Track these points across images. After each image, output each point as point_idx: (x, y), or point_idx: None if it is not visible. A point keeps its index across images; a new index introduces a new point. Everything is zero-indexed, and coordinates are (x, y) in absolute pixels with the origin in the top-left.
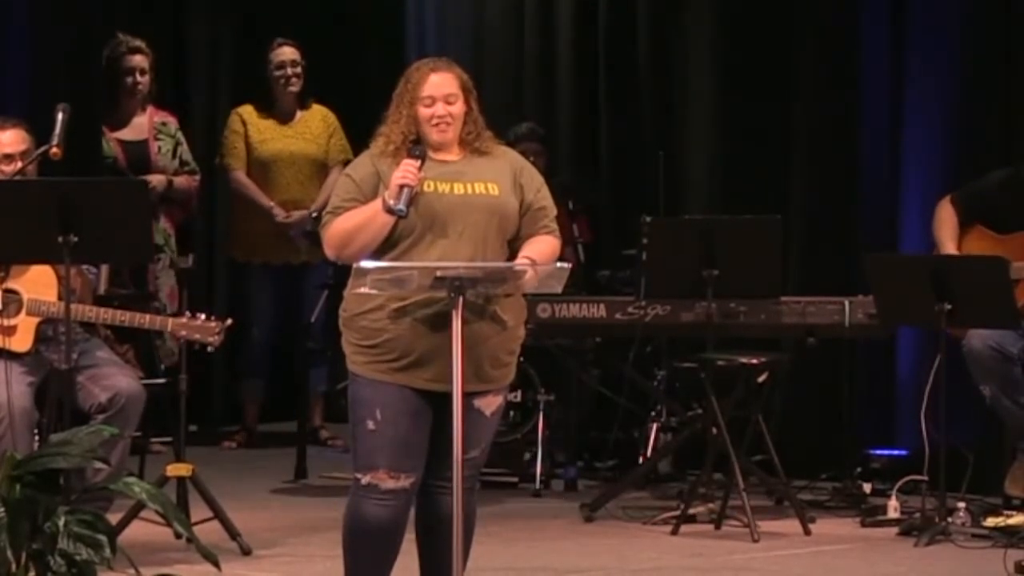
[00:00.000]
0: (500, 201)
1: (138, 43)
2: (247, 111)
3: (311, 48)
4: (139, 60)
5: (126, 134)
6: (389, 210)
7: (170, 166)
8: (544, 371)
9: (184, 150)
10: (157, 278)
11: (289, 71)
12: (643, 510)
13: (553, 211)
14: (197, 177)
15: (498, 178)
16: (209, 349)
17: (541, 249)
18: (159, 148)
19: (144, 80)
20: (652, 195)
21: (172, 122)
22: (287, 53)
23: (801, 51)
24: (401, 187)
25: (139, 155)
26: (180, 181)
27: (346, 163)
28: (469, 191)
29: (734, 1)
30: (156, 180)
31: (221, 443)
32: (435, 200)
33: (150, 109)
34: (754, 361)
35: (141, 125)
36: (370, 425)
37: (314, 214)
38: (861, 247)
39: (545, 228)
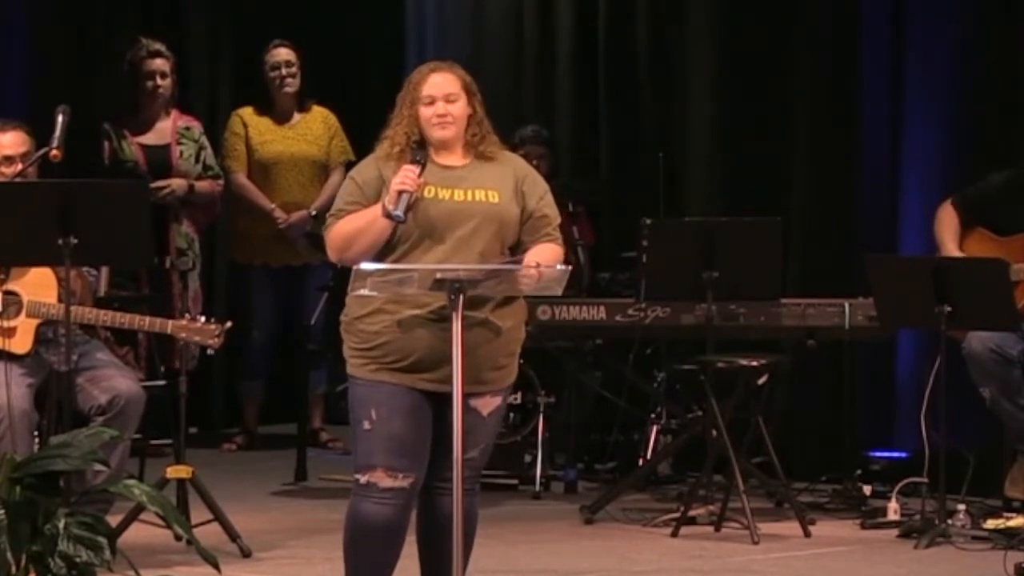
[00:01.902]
0: (499, 208)
1: (158, 46)
2: (247, 113)
3: (311, 49)
4: (160, 63)
5: (148, 138)
6: (388, 216)
7: (192, 171)
8: (544, 373)
9: (208, 154)
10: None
11: (284, 71)
12: (643, 512)
13: (556, 219)
14: (220, 182)
15: (499, 185)
16: (209, 351)
17: (545, 256)
18: (181, 152)
19: (165, 83)
20: (652, 196)
21: (196, 126)
22: (282, 54)
23: (801, 51)
24: (400, 193)
25: (160, 159)
26: (202, 185)
27: (347, 164)
28: (468, 198)
29: (734, 1)
30: (176, 184)
31: (221, 445)
32: (434, 206)
33: (174, 113)
34: (754, 363)
35: (164, 129)
36: (366, 425)
37: (313, 213)
38: (861, 248)
39: (546, 237)
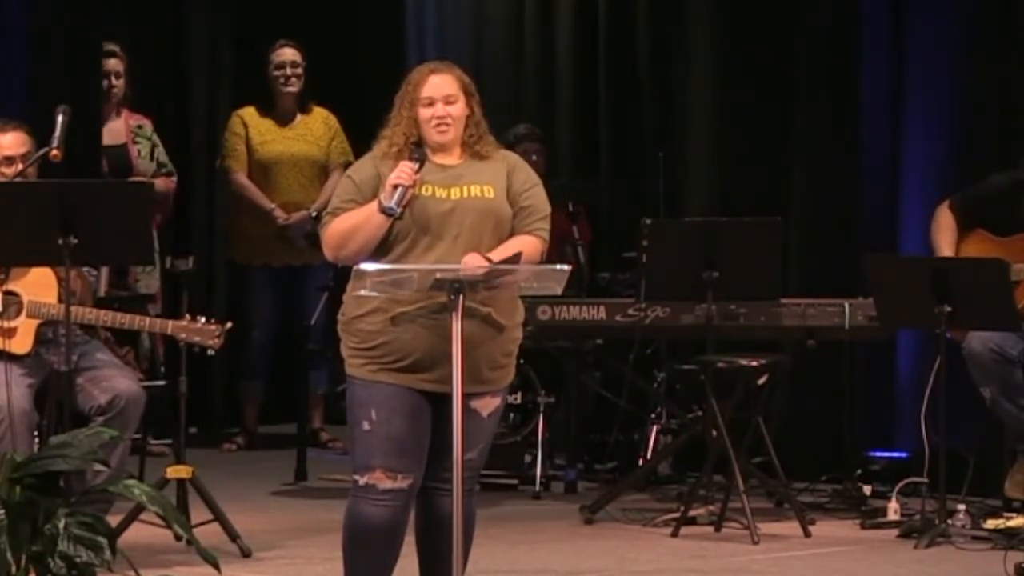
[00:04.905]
0: (495, 204)
1: (111, 47)
2: (248, 113)
3: (311, 49)
4: (113, 64)
5: (104, 139)
6: (383, 210)
7: (148, 169)
8: (544, 373)
9: (160, 152)
10: (137, 280)
11: (288, 71)
12: (643, 512)
13: (543, 211)
14: (174, 179)
15: (494, 180)
16: (209, 352)
17: (520, 247)
18: (139, 152)
19: (119, 84)
20: (652, 196)
21: (147, 124)
22: (287, 54)
23: (801, 51)
24: (395, 187)
25: (120, 160)
26: (159, 184)
27: (347, 165)
28: (464, 194)
29: (734, 2)
30: None
31: (221, 445)
32: (431, 204)
33: (125, 113)
34: (754, 363)
35: (118, 130)
36: (365, 426)
37: (314, 214)
38: (861, 248)
39: (531, 228)
